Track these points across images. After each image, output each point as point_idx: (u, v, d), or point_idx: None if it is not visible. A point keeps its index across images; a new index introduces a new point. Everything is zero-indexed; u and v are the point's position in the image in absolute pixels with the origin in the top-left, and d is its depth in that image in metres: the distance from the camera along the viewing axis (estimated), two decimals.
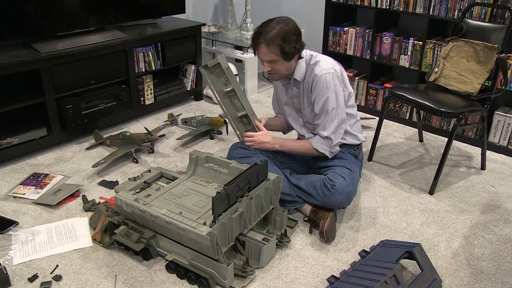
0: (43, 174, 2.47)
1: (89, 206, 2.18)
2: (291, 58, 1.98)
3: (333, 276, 1.76)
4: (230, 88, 2.10)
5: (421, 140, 2.99)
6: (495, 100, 2.62)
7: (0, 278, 1.69)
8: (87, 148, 2.80)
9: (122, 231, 1.85)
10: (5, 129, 2.59)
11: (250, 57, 3.60)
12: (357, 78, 3.42)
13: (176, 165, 2.63)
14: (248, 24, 3.74)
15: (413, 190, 2.41)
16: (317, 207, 2.06)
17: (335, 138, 2.07)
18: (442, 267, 1.85)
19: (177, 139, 2.91)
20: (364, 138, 2.26)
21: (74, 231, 2.02)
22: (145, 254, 1.84)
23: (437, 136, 3.07)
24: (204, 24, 3.49)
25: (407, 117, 3.22)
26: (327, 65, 2.02)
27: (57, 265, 1.82)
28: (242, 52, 3.68)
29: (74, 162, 2.63)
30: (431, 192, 2.38)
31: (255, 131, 2.17)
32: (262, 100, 3.63)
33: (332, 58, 2.10)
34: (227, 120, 2.88)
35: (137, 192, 1.97)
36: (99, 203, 2.18)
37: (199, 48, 3.44)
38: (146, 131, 2.70)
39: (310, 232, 2.04)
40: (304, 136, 2.23)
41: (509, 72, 2.61)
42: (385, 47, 3.18)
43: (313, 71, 2.02)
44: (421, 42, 3.00)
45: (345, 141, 2.17)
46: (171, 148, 2.84)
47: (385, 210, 2.23)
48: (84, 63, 2.74)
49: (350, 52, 3.38)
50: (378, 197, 2.34)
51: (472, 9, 2.71)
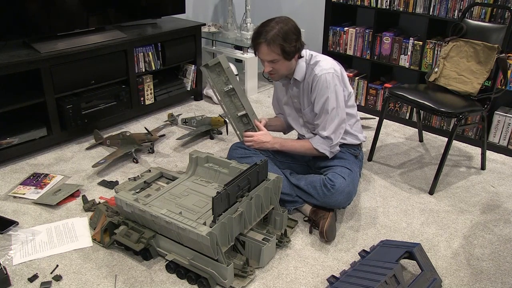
0: (43, 174, 2.47)
1: (89, 206, 2.18)
2: (292, 57, 1.98)
3: (333, 276, 1.76)
4: (230, 88, 2.10)
5: (421, 140, 2.99)
6: (495, 100, 2.62)
7: (0, 278, 1.69)
8: (87, 148, 2.80)
9: (122, 231, 1.85)
10: (5, 129, 2.59)
11: (250, 57, 3.60)
12: (357, 78, 3.42)
13: (176, 165, 2.63)
14: (248, 24, 3.74)
15: (413, 190, 2.41)
16: (317, 207, 2.06)
17: (335, 138, 2.07)
18: (442, 267, 1.85)
19: (177, 139, 2.91)
20: (364, 138, 2.26)
21: (74, 231, 2.02)
22: (145, 254, 1.84)
23: (437, 136, 3.07)
24: (204, 24, 3.49)
25: (407, 117, 3.22)
26: (327, 65, 2.02)
27: (57, 265, 1.82)
28: (242, 52, 3.68)
29: (74, 162, 2.63)
30: (431, 192, 2.38)
31: (255, 131, 2.17)
32: (262, 100, 3.63)
33: (332, 58, 2.10)
34: (227, 120, 2.88)
35: (137, 192, 1.97)
36: (99, 203, 2.18)
37: (199, 48, 3.44)
38: (146, 131, 2.70)
39: (310, 232, 2.04)
40: (304, 136, 2.23)
41: (509, 72, 2.61)
42: (385, 47, 3.18)
43: (313, 71, 2.02)
44: (421, 42, 2.99)
45: (345, 141, 2.17)
46: (171, 148, 2.84)
47: (385, 210, 2.23)
48: (84, 63, 2.74)
49: (350, 52, 3.38)
50: (378, 197, 2.34)
51: (472, 9, 2.71)
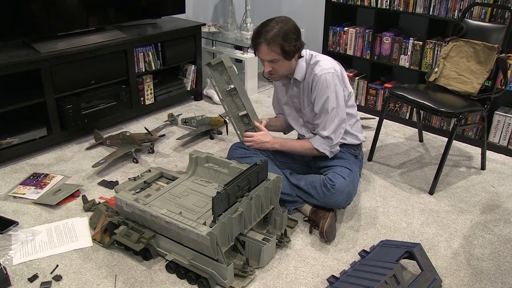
0: (43, 174, 2.47)
1: (89, 206, 2.18)
2: (292, 57, 1.98)
3: (333, 276, 1.76)
4: (232, 87, 2.10)
5: (421, 140, 2.99)
6: (495, 100, 2.62)
7: (0, 278, 1.69)
8: (87, 148, 2.80)
9: (122, 231, 1.85)
10: (5, 129, 2.59)
11: (250, 57, 3.60)
12: (357, 78, 3.42)
13: (176, 165, 2.63)
14: (248, 24, 3.74)
15: (413, 190, 2.41)
16: (317, 207, 2.06)
17: (335, 137, 2.07)
18: (442, 267, 1.85)
19: (177, 139, 2.91)
20: (364, 138, 2.26)
21: (74, 231, 2.02)
22: (145, 254, 1.84)
23: (437, 136, 3.07)
24: (204, 24, 3.49)
25: (407, 117, 3.22)
26: (327, 64, 2.02)
27: (57, 265, 1.82)
28: (242, 52, 3.68)
29: (74, 162, 2.63)
30: (431, 192, 2.38)
31: (255, 131, 2.17)
32: (262, 100, 3.63)
33: (332, 58, 2.10)
34: (227, 120, 2.89)
35: (137, 192, 1.97)
36: (99, 203, 2.18)
37: (199, 48, 3.44)
38: (146, 131, 2.70)
39: (310, 232, 2.04)
40: (304, 136, 2.23)
41: (509, 72, 2.61)
42: (385, 47, 3.18)
43: (313, 70, 2.02)
44: (421, 42, 2.99)
45: (345, 141, 2.17)
46: (171, 148, 2.84)
47: (385, 210, 2.23)
48: (84, 63, 2.74)
49: (350, 52, 3.38)
50: (378, 197, 2.34)
51: (472, 9, 2.71)
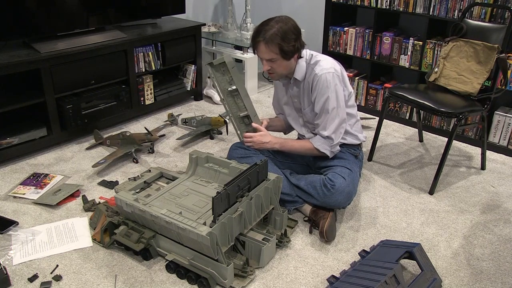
0: (43, 174, 2.47)
1: (89, 206, 2.18)
2: (291, 57, 1.98)
3: (333, 276, 1.76)
4: (234, 88, 2.09)
5: (421, 140, 2.99)
6: (495, 100, 2.62)
7: (0, 278, 1.69)
8: (87, 148, 2.80)
9: (122, 231, 1.85)
10: (5, 129, 2.59)
11: (250, 57, 3.59)
12: (357, 78, 3.42)
13: (176, 165, 2.63)
14: (248, 24, 3.74)
15: (413, 190, 2.41)
16: (317, 207, 2.06)
17: (336, 137, 2.07)
18: (442, 267, 1.85)
19: (177, 139, 2.91)
20: (364, 138, 2.26)
21: (74, 231, 2.02)
22: (145, 254, 1.84)
23: (437, 136, 3.07)
24: (204, 24, 3.49)
25: (407, 117, 3.22)
26: (328, 64, 2.02)
27: (57, 265, 1.82)
28: (242, 52, 3.68)
29: (74, 162, 2.63)
30: (431, 192, 2.38)
31: (255, 132, 2.16)
32: (262, 100, 3.63)
33: (332, 58, 2.10)
34: (227, 120, 2.88)
35: (137, 192, 1.97)
36: (99, 203, 2.18)
37: (199, 48, 3.44)
38: (146, 131, 2.70)
39: (310, 232, 2.04)
40: (304, 136, 2.23)
41: (509, 72, 2.61)
42: (385, 47, 3.18)
43: (314, 70, 2.02)
44: (421, 42, 2.99)
45: (345, 141, 2.17)
46: (171, 148, 2.84)
47: (385, 210, 2.23)
48: (84, 63, 2.74)
49: (350, 52, 3.38)
50: (378, 197, 2.34)
51: (472, 9, 2.71)
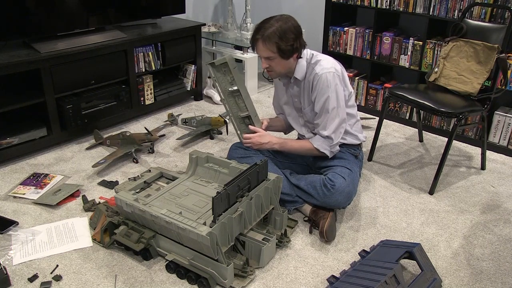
0: (43, 174, 2.47)
1: (89, 206, 2.18)
2: (289, 56, 1.98)
3: (333, 276, 1.76)
4: (235, 88, 2.09)
5: (421, 140, 2.99)
6: (495, 100, 2.62)
7: (0, 278, 1.69)
8: (87, 148, 2.80)
9: (122, 231, 1.85)
10: (5, 129, 2.59)
11: (250, 57, 3.59)
12: (357, 78, 3.42)
13: (176, 165, 2.63)
14: (248, 24, 3.74)
15: (413, 190, 2.41)
16: (317, 207, 2.06)
17: (336, 137, 2.07)
18: (442, 267, 1.85)
19: (177, 139, 2.91)
20: (364, 138, 2.26)
21: (74, 231, 2.02)
22: (145, 254, 1.84)
23: (437, 136, 3.07)
24: (204, 24, 3.49)
25: (407, 117, 3.22)
26: (328, 64, 2.02)
27: (57, 265, 1.82)
28: (242, 52, 3.68)
29: (74, 162, 2.63)
30: (431, 192, 2.38)
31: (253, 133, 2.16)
32: (262, 100, 3.62)
33: (333, 58, 2.10)
34: (227, 120, 2.88)
35: (137, 192, 1.97)
36: (99, 203, 2.18)
37: (199, 48, 3.44)
38: (146, 131, 2.70)
39: (310, 232, 2.04)
40: (304, 136, 2.23)
41: (509, 72, 2.61)
42: (385, 47, 3.18)
43: (314, 70, 2.02)
44: (421, 42, 2.99)
45: (345, 141, 2.17)
46: (171, 148, 2.84)
47: (385, 210, 2.23)
48: (84, 63, 2.74)
49: (350, 52, 3.38)
50: (378, 197, 2.34)
51: (472, 9, 2.71)
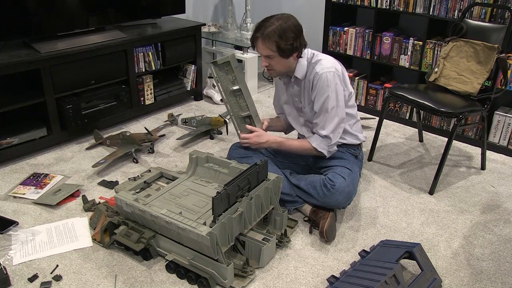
0: (43, 174, 2.47)
1: (89, 206, 2.18)
2: (289, 55, 1.98)
3: (333, 276, 1.76)
4: (237, 87, 2.08)
5: (421, 140, 2.99)
6: (495, 100, 2.62)
7: (0, 278, 1.69)
8: (87, 148, 2.80)
9: (122, 231, 1.85)
10: (5, 129, 2.59)
11: (251, 57, 3.59)
12: (357, 78, 3.42)
13: (176, 165, 2.63)
14: (248, 24, 3.74)
15: (413, 190, 2.41)
16: (317, 207, 2.06)
17: (334, 137, 2.07)
18: (442, 267, 1.85)
19: (177, 139, 2.91)
20: (364, 138, 2.26)
21: (74, 231, 2.02)
22: (145, 254, 1.84)
23: (437, 136, 3.07)
24: (204, 24, 3.49)
25: (407, 117, 3.22)
26: (329, 63, 2.03)
27: (57, 265, 1.82)
28: (242, 52, 3.68)
29: (74, 162, 2.63)
30: (431, 192, 2.38)
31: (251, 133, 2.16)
32: (262, 100, 3.62)
33: (333, 58, 2.10)
34: (227, 120, 2.88)
35: (137, 192, 1.97)
36: (99, 203, 2.18)
37: (199, 48, 3.44)
38: (146, 131, 2.70)
39: (310, 232, 2.04)
40: (304, 136, 2.23)
41: (509, 72, 2.61)
42: (385, 47, 3.18)
43: (314, 69, 2.03)
44: (421, 42, 2.99)
45: (345, 141, 2.17)
46: (171, 148, 2.84)
47: (385, 210, 2.23)
48: (84, 63, 2.74)
49: (350, 52, 3.38)
50: (378, 197, 2.34)
51: (472, 9, 2.71)
